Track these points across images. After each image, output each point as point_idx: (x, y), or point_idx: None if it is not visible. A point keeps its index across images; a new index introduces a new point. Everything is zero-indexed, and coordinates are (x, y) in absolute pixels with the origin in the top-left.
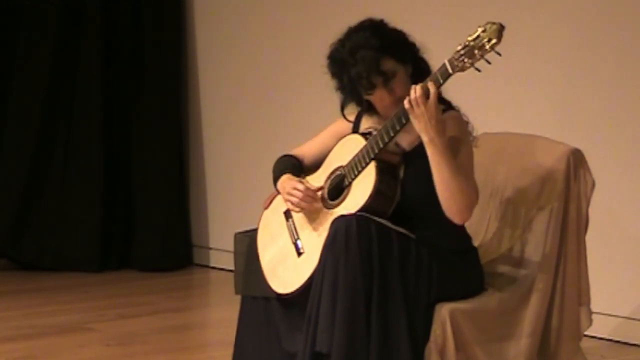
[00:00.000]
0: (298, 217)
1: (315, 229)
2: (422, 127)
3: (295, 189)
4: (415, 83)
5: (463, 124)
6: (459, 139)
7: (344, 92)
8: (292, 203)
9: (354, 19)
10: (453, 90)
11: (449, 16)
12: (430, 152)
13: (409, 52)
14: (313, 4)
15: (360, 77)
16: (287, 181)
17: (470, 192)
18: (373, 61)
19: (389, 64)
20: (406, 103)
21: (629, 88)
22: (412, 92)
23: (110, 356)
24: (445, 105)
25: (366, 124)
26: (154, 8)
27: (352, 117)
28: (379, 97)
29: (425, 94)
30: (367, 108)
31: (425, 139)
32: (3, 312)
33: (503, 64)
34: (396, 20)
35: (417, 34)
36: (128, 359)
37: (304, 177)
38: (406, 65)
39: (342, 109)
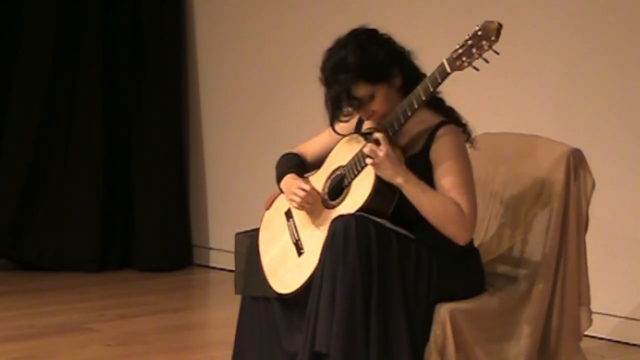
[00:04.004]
0: (299, 217)
1: (315, 229)
2: (391, 174)
3: (300, 188)
4: (408, 91)
5: (459, 137)
6: (454, 155)
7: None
8: (296, 202)
9: (353, 19)
10: (454, 90)
11: (448, 16)
12: (407, 191)
13: (395, 65)
14: (313, 3)
15: (338, 102)
16: (291, 181)
17: (460, 214)
18: (344, 88)
19: (362, 90)
20: (368, 161)
21: (629, 88)
22: (366, 151)
23: (110, 356)
24: (442, 114)
25: (368, 124)
26: (154, 8)
27: (346, 124)
28: (361, 115)
29: (377, 144)
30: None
31: (398, 182)
32: (3, 312)
33: (503, 64)
34: (395, 21)
35: (416, 34)
36: (128, 359)
37: (305, 178)
38: (391, 79)
39: (332, 122)
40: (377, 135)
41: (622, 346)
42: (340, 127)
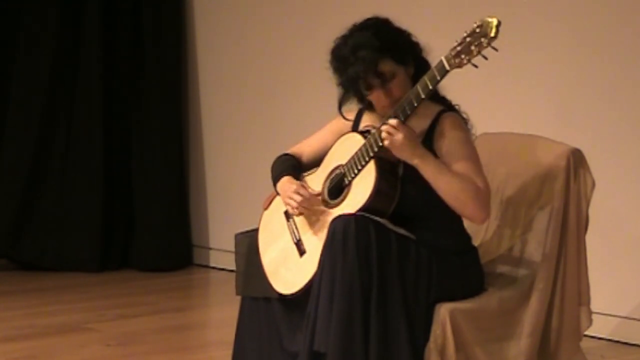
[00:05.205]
0: (299, 217)
1: (316, 229)
2: (409, 155)
3: (296, 193)
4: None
5: (461, 123)
6: (460, 139)
7: (344, 88)
8: (292, 207)
9: (353, 19)
10: (454, 90)
11: (448, 14)
12: (425, 171)
13: (410, 53)
14: (313, 4)
15: (358, 77)
16: (287, 184)
17: (478, 191)
18: (371, 62)
19: (387, 66)
20: (385, 142)
21: (630, 88)
22: (383, 127)
23: (110, 356)
24: (441, 105)
25: (366, 121)
26: (154, 8)
27: (350, 115)
28: (377, 98)
29: (393, 126)
30: (369, 105)
31: (416, 162)
32: (3, 312)
33: (503, 64)
34: (395, 18)
35: (416, 32)
36: (128, 359)
37: (303, 178)
38: (407, 66)
39: (340, 106)
40: (392, 121)
41: (622, 346)
42: (339, 119)
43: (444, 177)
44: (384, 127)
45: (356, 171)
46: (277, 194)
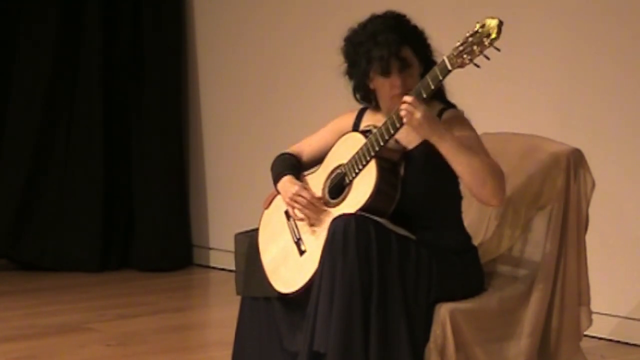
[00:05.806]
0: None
1: (316, 228)
2: (428, 131)
3: (299, 195)
4: None
5: (464, 118)
6: (467, 134)
7: (354, 77)
8: (296, 208)
9: (354, 20)
10: (454, 90)
11: (449, 14)
12: (445, 148)
13: (424, 49)
14: (313, 4)
15: (381, 59)
16: (288, 184)
17: (496, 171)
18: (394, 45)
19: (407, 53)
20: (403, 113)
21: (630, 88)
22: (403, 105)
23: (110, 356)
24: (444, 104)
25: (367, 121)
26: (154, 8)
27: (344, 120)
28: (390, 84)
29: (411, 103)
30: (375, 104)
31: (435, 139)
32: (3, 312)
33: (504, 64)
34: None
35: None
36: (128, 359)
37: (303, 177)
38: (420, 60)
39: (355, 92)
40: (408, 98)
41: (622, 346)
42: (340, 119)
43: (464, 154)
44: (403, 106)
45: (357, 171)
46: (278, 193)
